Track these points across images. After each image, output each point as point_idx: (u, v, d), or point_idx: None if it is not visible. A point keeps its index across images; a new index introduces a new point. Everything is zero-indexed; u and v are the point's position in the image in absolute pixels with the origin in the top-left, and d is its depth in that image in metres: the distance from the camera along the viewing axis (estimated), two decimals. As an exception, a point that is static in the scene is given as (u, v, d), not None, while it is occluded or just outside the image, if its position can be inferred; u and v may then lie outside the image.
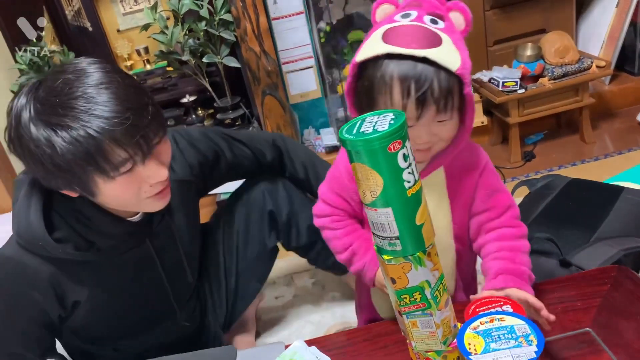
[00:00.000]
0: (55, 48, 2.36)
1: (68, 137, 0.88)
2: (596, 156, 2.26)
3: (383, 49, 0.84)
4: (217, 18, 2.20)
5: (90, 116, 0.88)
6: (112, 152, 0.90)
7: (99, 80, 0.91)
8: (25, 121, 0.89)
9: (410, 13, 0.89)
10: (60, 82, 0.90)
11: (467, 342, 0.72)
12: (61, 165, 0.90)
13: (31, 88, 0.92)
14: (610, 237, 1.39)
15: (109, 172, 0.92)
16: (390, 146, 0.64)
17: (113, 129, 0.88)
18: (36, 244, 1.01)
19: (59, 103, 0.88)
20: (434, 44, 0.83)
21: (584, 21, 2.66)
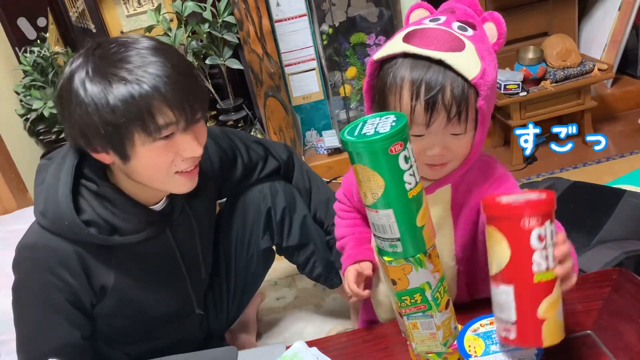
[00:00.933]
0: (59, 49, 2.37)
1: (122, 88, 0.91)
2: (598, 159, 2.26)
3: (401, 48, 0.82)
4: (220, 20, 2.21)
5: (145, 72, 0.92)
6: (159, 110, 0.93)
7: (153, 46, 0.96)
8: (82, 76, 0.92)
9: (440, 18, 0.86)
10: (114, 48, 0.94)
11: (467, 344, 0.72)
12: (108, 118, 0.92)
13: (88, 50, 0.95)
14: (612, 240, 1.39)
15: (152, 131, 0.94)
16: (391, 148, 0.64)
17: (165, 88, 0.92)
18: (62, 224, 1.01)
19: (116, 59, 0.92)
20: (455, 48, 0.80)
21: (586, 24, 2.66)
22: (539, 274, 0.64)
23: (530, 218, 0.61)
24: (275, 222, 1.40)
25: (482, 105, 0.81)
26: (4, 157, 2.09)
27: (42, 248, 1.04)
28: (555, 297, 0.66)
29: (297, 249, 1.43)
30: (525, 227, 0.62)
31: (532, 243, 0.62)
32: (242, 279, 1.44)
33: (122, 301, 1.16)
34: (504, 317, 0.67)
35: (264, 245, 1.41)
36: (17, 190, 2.09)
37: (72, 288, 1.07)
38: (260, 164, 1.39)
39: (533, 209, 0.62)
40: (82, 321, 1.12)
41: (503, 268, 0.64)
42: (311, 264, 1.45)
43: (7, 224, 1.90)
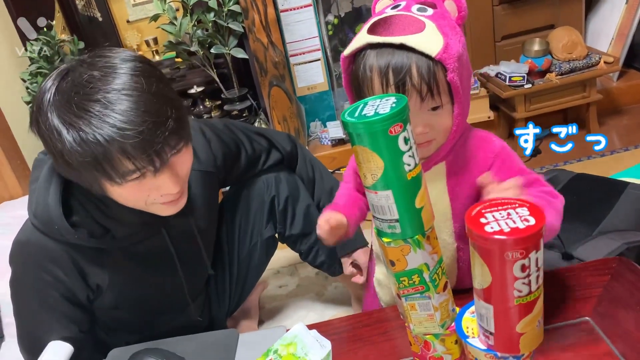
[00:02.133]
0: (65, 37, 2.38)
1: (78, 138, 0.85)
2: (602, 153, 2.25)
3: (365, 40, 0.85)
4: (226, 9, 2.21)
5: (103, 123, 0.85)
6: (119, 162, 0.88)
7: (123, 86, 0.87)
8: (45, 108, 0.88)
9: (400, 4, 0.89)
10: (86, 77, 0.87)
11: (465, 326, 0.73)
12: (69, 162, 0.89)
13: (59, 74, 0.90)
14: (614, 230, 1.39)
15: (115, 178, 0.90)
16: (391, 129, 0.64)
17: (124, 140, 0.85)
18: (52, 227, 1.01)
19: (77, 101, 0.86)
20: (415, 30, 0.83)
21: (593, 18, 2.65)
22: (520, 297, 0.63)
23: (514, 252, 0.59)
24: (278, 210, 1.40)
25: (452, 77, 0.83)
26: (10, 144, 2.11)
27: (34, 246, 1.05)
28: (535, 313, 0.65)
29: (300, 238, 1.44)
30: (509, 259, 0.60)
31: (514, 273, 0.61)
32: (245, 267, 1.45)
33: (119, 296, 1.16)
34: (484, 326, 0.68)
35: (267, 234, 1.42)
36: (22, 177, 2.11)
37: (65, 285, 1.08)
38: (264, 155, 1.39)
39: (518, 244, 0.59)
40: (79, 315, 1.13)
41: (484, 288, 0.64)
42: (314, 252, 1.46)
43: (12, 209, 1.92)
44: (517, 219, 0.61)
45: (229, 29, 2.25)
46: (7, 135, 2.12)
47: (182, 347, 1.00)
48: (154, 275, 1.20)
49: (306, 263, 1.76)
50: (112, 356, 1.04)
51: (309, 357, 0.89)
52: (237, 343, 1.00)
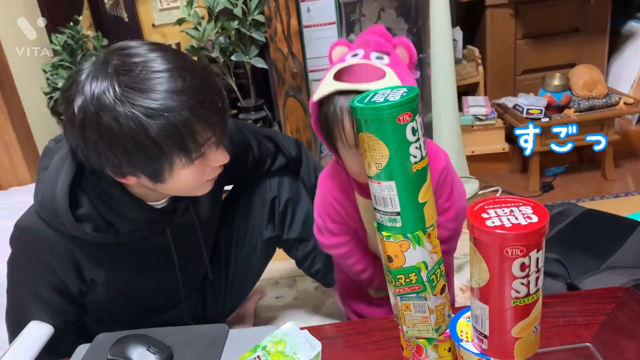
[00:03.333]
0: (90, 33, 2.41)
1: (160, 118, 0.89)
2: (616, 193, 2.22)
3: (334, 86, 0.94)
4: (250, 18, 2.24)
5: (180, 98, 0.90)
6: (200, 131, 0.93)
7: (178, 64, 0.92)
8: (110, 104, 0.88)
9: (358, 52, 0.99)
10: (136, 66, 0.90)
11: (459, 329, 0.70)
12: (150, 150, 0.91)
13: (107, 71, 0.90)
14: (622, 267, 1.36)
15: (192, 152, 0.94)
16: (399, 117, 0.63)
17: (203, 109, 0.92)
18: (56, 219, 1.01)
19: (145, 87, 0.89)
20: (377, 77, 0.93)
21: (616, 60, 2.64)
22: (518, 299, 0.61)
23: (514, 248, 0.57)
24: (277, 212, 1.39)
25: None
26: (24, 131, 2.13)
27: (35, 233, 1.04)
28: (533, 317, 0.63)
29: (297, 243, 1.42)
30: (508, 255, 0.58)
31: (513, 272, 0.59)
32: (243, 268, 1.43)
33: (113, 291, 1.16)
34: (479, 328, 0.65)
35: (267, 235, 1.40)
36: (33, 165, 2.12)
37: (58, 276, 1.07)
38: (270, 159, 1.38)
39: (519, 240, 0.57)
40: (67, 307, 1.12)
41: (481, 287, 0.62)
42: (310, 259, 1.44)
43: (19, 195, 1.93)
44: (520, 216, 0.59)
45: (251, 38, 2.27)
46: (23, 124, 2.14)
47: (170, 337, 0.98)
48: (151, 272, 1.20)
49: (305, 276, 1.74)
50: (98, 341, 1.02)
51: (298, 356, 0.86)
52: (227, 338, 0.98)
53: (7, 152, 2.06)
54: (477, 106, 2.41)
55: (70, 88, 0.93)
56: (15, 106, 2.09)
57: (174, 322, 1.30)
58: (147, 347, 0.93)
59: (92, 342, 1.02)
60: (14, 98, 2.10)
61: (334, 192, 1.13)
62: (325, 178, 1.16)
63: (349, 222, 1.17)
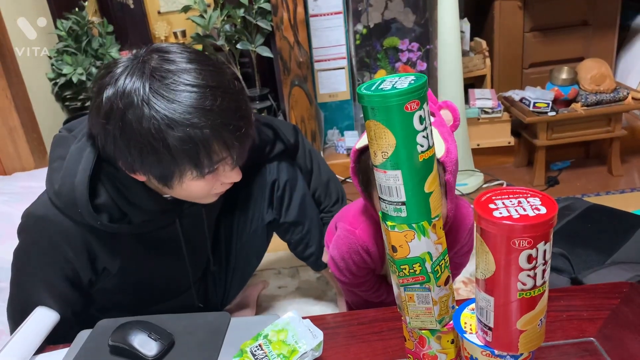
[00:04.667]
0: (95, 19, 2.40)
1: (183, 130, 0.90)
2: (622, 189, 2.21)
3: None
4: (256, 6, 2.22)
5: (207, 115, 0.90)
6: (217, 151, 0.94)
7: (214, 83, 0.93)
8: (137, 103, 0.89)
9: None
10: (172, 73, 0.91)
11: (463, 321, 0.70)
12: (161, 153, 0.91)
13: (143, 71, 0.91)
14: (626, 262, 1.35)
15: (204, 168, 0.95)
16: (407, 105, 0.62)
17: (226, 133, 0.93)
18: (74, 209, 1.01)
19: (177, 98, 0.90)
20: None
21: (625, 54, 2.62)
22: (524, 291, 0.60)
23: (522, 240, 0.57)
24: (276, 196, 1.40)
25: (449, 178, 0.95)
26: (28, 117, 2.12)
27: (50, 222, 1.03)
28: (538, 310, 0.62)
29: (293, 226, 1.43)
30: (515, 247, 0.57)
31: (520, 263, 0.58)
32: (244, 253, 1.44)
33: (125, 280, 1.16)
34: (483, 320, 0.65)
35: (268, 219, 1.41)
36: (36, 151, 2.11)
37: (72, 265, 1.07)
38: (269, 146, 1.39)
39: (526, 231, 0.56)
40: (75, 297, 1.12)
41: (487, 278, 0.61)
42: (304, 242, 1.45)
43: (23, 180, 1.92)
44: (528, 207, 0.58)
45: (257, 26, 2.25)
46: (28, 110, 2.13)
47: (171, 324, 0.97)
48: (161, 262, 1.20)
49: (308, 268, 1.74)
50: (100, 326, 1.01)
51: (299, 345, 0.86)
52: (228, 326, 0.98)
53: (11, 137, 2.06)
54: (483, 99, 2.40)
55: (104, 77, 0.94)
56: (19, 91, 2.08)
57: (179, 310, 1.30)
58: (148, 334, 0.93)
59: (94, 328, 1.01)
60: (19, 83, 2.09)
61: (364, 242, 1.12)
62: (354, 224, 1.14)
63: (374, 267, 1.18)
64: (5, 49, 2.03)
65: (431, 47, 2.52)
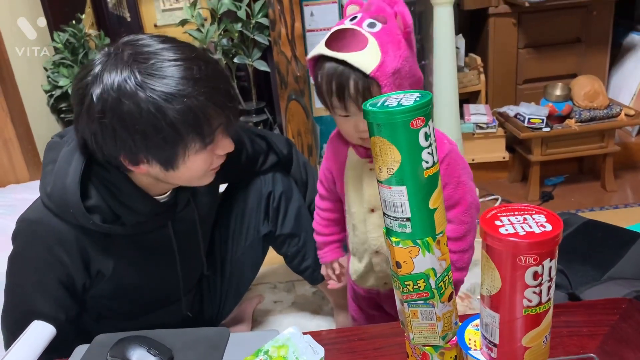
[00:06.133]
0: (92, 32, 2.41)
1: (179, 104, 0.93)
2: (616, 204, 2.22)
3: (320, 50, 0.97)
4: (254, 21, 2.23)
5: (197, 85, 0.94)
6: (214, 116, 0.97)
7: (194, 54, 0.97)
8: (131, 90, 0.92)
9: (357, 16, 0.98)
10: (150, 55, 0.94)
11: (467, 337, 0.70)
12: (165, 130, 0.93)
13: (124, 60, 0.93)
14: (623, 278, 1.36)
15: (206, 137, 0.98)
16: (412, 122, 0.63)
17: (217, 96, 0.97)
18: (66, 210, 1.01)
19: (163, 75, 0.93)
20: (357, 48, 0.93)
21: (617, 71, 2.65)
22: (529, 308, 0.60)
23: (528, 257, 0.57)
24: (272, 207, 1.40)
25: (386, 92, 0.92)
26: (24, 129, 2.12)
27: (44, 225, 1.04)
28: (543, 327, 0.62)
29: (289, 238, 1.43)
30: (521, 263, 0.57)
31: (526, 280, 0.58)
32: (239, 267, 1.44)
33: (117, 286, 1.16)
34: (488, 336, 0.65)
35: (264, 231, 1.41)
36: (31, 163, 2.11)
37: (66, 269, 1.07)
38: (262, 157, 1.40)
39: (532, 249, 0.56)
40: (69, 303, 1.11)
41: (492, 295, 0.62)
42: (301, 256, 1.45)
43: (17, 192, 1.91)
44: (534, 224, 0.58)
45: (254, 40, 2.27)
46: (23, 122, 2.13)
47: (170, 339, 0.96)
48: (154, 267, 1.20)
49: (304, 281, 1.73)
50: (98, 341, 1.00)
51: (300, 361, 0.86)
52: (228, 341, 0.97)
53: (6, 149, 2.05)
54: (478, 114, 2.41)
55: (84, 78, 0.96)
56: (15, 103, 2.08)
57: (172, 318, 1.30)
58: (147, 349, 0.92)
59: (91, 342, 1.00)
60: (15, 95, 2.09)
61: (328, 158, 1.16)
62: (328, 142, 1.18)
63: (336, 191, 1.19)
64: (2, 60, 2.02)
65: (426, 63, 2.54)
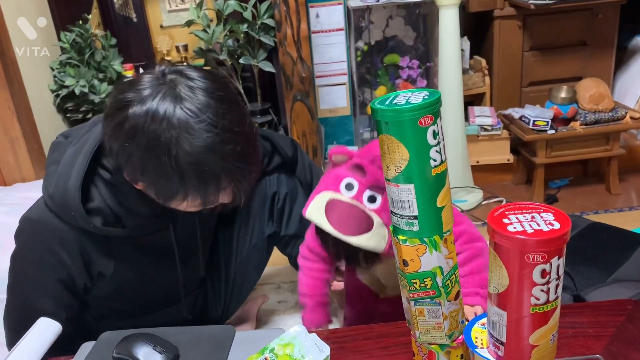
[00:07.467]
0: (98, 32, 2.41)
1: (197, 164, 0.91)
2: (620, 207, 2.22)
3: (321, 221, 0.99)
4: (259, 22, 2.24)
5: (224, 159, 0.93)
6: (226, 185, 0.96)
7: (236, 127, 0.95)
8: (164, 134, 0.90)
9: (353, 184, 0.99)
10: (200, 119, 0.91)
11: (474, 336, 0.70)
12: (173, 178, 0.93)
13: (174, 96, 0.92)
14: (628, 280, 1.36)
15: (208, 199, 0.97)
16: (421, 120, 0.63)
17: (239, 174, 0.96)
18: (67, 212, 1.01)
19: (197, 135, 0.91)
20: (364, 229, 0.97)
21: (622, 74, 2.65)
22: (537, 306, 0.60)
23: (536, 254, 0.57)
24: (276, 208, 1.40)
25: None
26: (30, 128, 2.12)
27: (45, 225, 1.04)
28: (551, 325, 0.62)
29: (294, 239, 1.42)
30: (529, 261, 0.57)
31: (534, 278, 0.58)
32: (243, 268, 1.43)
33: (118, 286, 1.16)
34: (495, 335, 0.65)
35: (268, 232, 1.41)
36: (37, 162, 2.11)
37: (67, 269, 1.07)
38: (267, 159, 1.40)
39: (540, 246, 0.56)
40: (70, 302, 1.12)
41: (500, 293, 0.62)
42: None
43: (22, 191, 1.92)
44: (542, 222, 0.58)
45: (259, 41, 2.27)
46: (29, 121, 2.13)
47: (176, 337, 0.97)
48: (154, 269, 1.20)
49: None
50: (103, 339, 1.01)
51: (306, 359, 0.86)
52: (233, 339, 0.97)
53: (12, 148, 2.05)
54: (483, 116, 2.42)
55: (126, 91, 0.93)
56: (22, 102, 2.08)
57: (174, 319, 1.30)
58: (153, 346, 0.92)
59: (97, 340, 1.01)
60: (21, 94, 2.09)
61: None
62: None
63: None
64: (8, 59, 2.03)
65: (431, 65, 2.54)
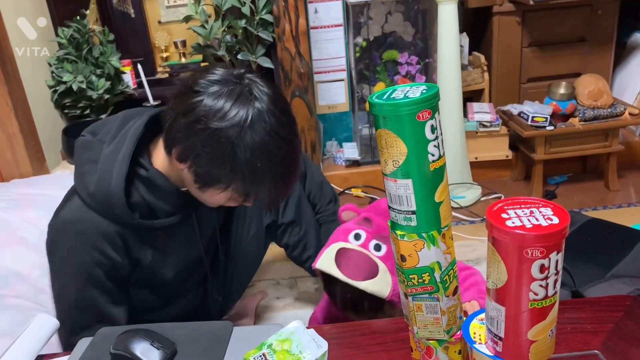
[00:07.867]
0: (96, 28, 2.41)
1: (254, 167, 0.97)
2: (619, 204, 2.22)
3: (331, 269, 1.14)
4: (258, 18, 2.23)
5: (278, 172, 1.00)
6: (263, 196, 1.02)
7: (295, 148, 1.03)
8: (234, 125, 0.94)
9: (360, 234, 1.16)
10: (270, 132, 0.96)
11: (472, 331, 0.70)
12: (224, 166, 0.97)
13: (250, 105, 0.95)
14: (627, 276, 1.36)
15: (247, 196, 1.02)
16: (419, 114, 0.63)
17: (281, 187, 1.03)
18: (110, 210, 1.04)
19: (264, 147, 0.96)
20: (370, 275, 1.11)
21: (621, 71, 2.65)
22: (535, 301, 0.60)
23: (534, 249, 0.56)
24: None
25: (398, 304, 1.08)
26: (27, 124, 2.11)
27: (87, 223, 1.06)
28: (549, 321, 0.62)
29: (291, 227, 1.45)
30: (528, 256, 0.57)
31: (532, 273, 0.58)
32: (244, 257, 1.44)
33: (155, 275, 1.18)
34: (494, 330, 0.65)
35: (267, 221, 1.43)
36: (35, 158, 2.11)
37: (113, 262, 1.09)
38: None
39: (539, 241, 0.56)
40: (121, 296, 1.14)
41: (498, 288, 0.61)
42: (302, 245, 1.47)
43: (21, 187, 1.91)
44: (540, 217, 0.58)
45: (258, 37, 2.26)
46: (27, 117, 2.13)
47: (174, 333, 0.96)
48: (183, 254, 1.23)
49: (306, 278, 1.73)
50: (101, 334, 1.00)
51: (304, 355, 0.85)
52: (231, 335, 0.97)
53: (10, 143, 2.05)
54: (482, 112, 2.41)
55: (201, 78, 0.97)
56: (19, 98, 2.08)
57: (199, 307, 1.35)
58: (150, 342, 0.92)
59: (94, 336, 1.00)
60: (19, 90, 2.09)
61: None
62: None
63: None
64: (6, 55, 2.02)
65: (430, 61, 2.54)
